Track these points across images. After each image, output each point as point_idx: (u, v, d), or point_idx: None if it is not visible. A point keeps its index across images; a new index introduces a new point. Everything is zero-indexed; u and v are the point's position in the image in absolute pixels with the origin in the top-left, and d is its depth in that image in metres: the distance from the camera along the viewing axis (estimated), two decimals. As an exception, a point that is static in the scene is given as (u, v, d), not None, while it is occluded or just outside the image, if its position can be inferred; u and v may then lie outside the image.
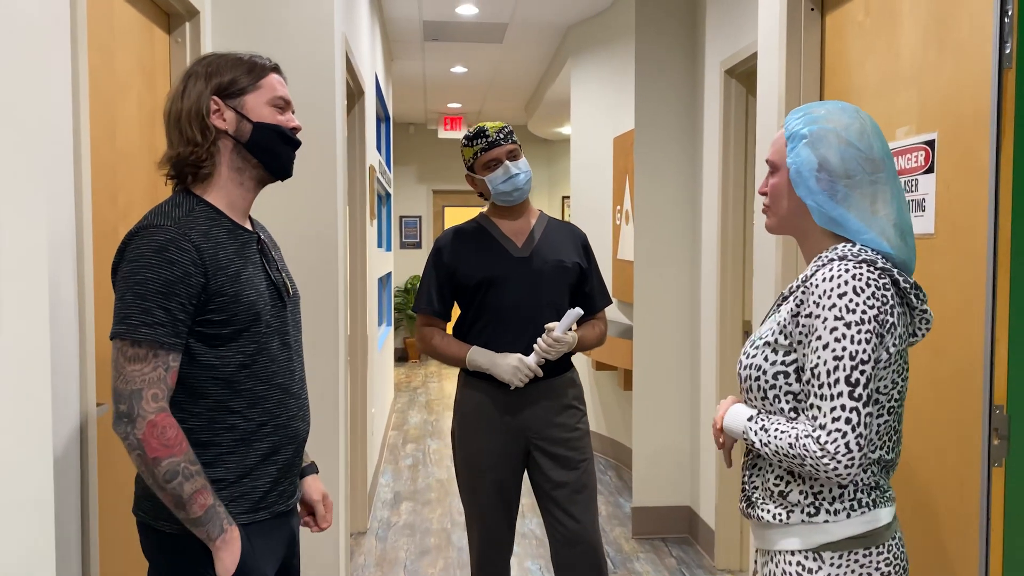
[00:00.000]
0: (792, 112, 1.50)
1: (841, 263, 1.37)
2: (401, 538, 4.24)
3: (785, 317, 1.42)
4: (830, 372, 1.33)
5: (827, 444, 1.31)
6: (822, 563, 1.39)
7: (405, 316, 10.56)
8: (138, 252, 1.43)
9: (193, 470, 1.43)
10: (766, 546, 1.47)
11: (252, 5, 2.80)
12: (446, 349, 2.52)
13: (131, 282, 1.42)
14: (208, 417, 1.51)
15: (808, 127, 1.43)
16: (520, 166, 2.48)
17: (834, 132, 1.41)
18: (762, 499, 1.47)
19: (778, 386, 1.42)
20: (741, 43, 3.48)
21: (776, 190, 1.49)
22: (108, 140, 1.95)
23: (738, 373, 1.51)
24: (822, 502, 1.40)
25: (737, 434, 1.47)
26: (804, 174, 1.42)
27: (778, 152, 1.48)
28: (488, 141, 2.46)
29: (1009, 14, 1.56)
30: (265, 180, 1.63)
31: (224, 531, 1.45)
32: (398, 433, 6.66)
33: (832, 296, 1.34)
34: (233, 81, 1.56)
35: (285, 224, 2.85)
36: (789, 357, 1.41)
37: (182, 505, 1.42)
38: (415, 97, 9.00)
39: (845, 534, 1.39)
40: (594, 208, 5.88)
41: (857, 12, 2.18)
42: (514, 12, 5.75)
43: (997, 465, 1.61)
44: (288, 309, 1.66)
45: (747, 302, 3.73)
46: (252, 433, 1.55)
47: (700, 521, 4.06)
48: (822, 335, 1.34)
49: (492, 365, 2.43)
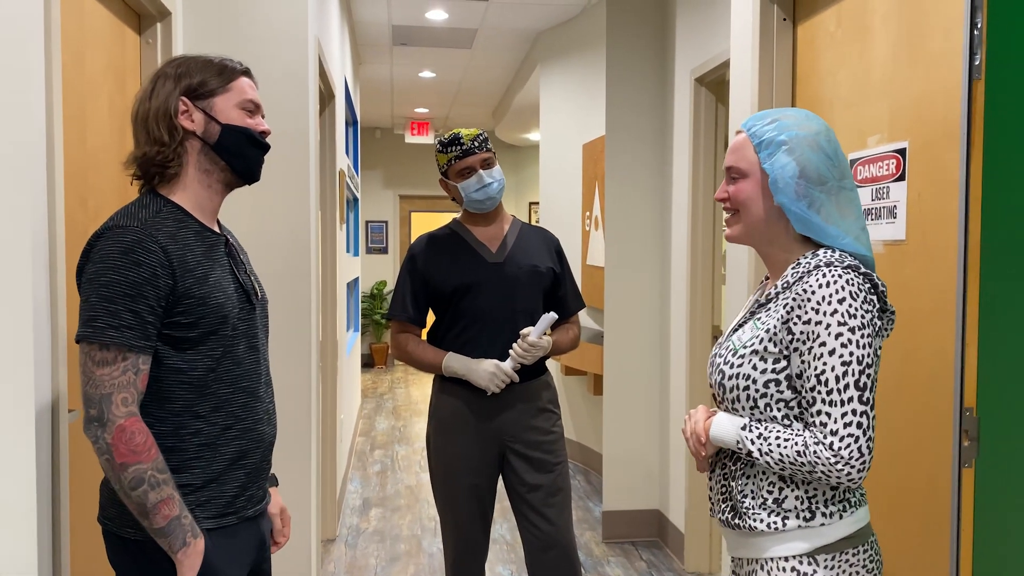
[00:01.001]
0: (753, 119, 1.49)
1: (829, 269, 1.37)
2: (371, 545, 4.20)
3: (775, 324, 1.41)
4: (839, 378, 1.33)
5: (841, 450, 1.32)
6: (817, 566, 1.39)
7: (372, 322, 10.49)
8: (103, 254, 1.41)
9: (160, 478, 1.41)
10: (754, 554, 1.45)
11: (224, 7, 2.77)
12: (422, 355, 2.51)
13: (97, 284, 1.40)
14: (174, 422, 1.49)
15: (784, 134, 1.43)
16: (494, 175, 2.49)
17: (808, 139, 1.42)
18: (753, 508, 1.44)
19: (769, 395, 1.42)
20: (711, 52, 3.52)
21: (744, 196, 1.47)
22: (79, 142, 1.91)
23: (718, 383, 1.49)
24: (817, 505, 1.41)
25: (728, 444, 1.45)
26: (786, 181, 1.41)
27: (745, 159, 1.46)
28: (463, 149, 2.46)
29: (979, 26, 1.60)
30: (232, 183, 1.62)
31: (187, 544, 1.43)
32: (366, 439, 6.61)
33: (833, 302, 1.34)
34: (203, 82, 1.55)
35: (258, 228, 2.82)
36: (779, 365, 1.41)
37: (146, 514, 1.40)
38: (382, 101, 8.97)
39: (839, 535, 1.40)
40: (563, 214, 5.90)
41: (829, 23, 2.22)
42: (484, 18, 5.76)
43: (967, 466, 1.65)
44: (256, 312, 1.65)
45: (716, 307, 3.77)
46: (217, 437, 1.53)
47: (670, 524, 4.09)
48: (827, 341, 1.33)
49: (468, 371, 2.43)
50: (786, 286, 1.43)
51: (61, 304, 1.66)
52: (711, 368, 1.57)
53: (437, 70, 7.44)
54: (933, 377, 1.77)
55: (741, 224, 1.49)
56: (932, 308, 1.77)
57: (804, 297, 1.37)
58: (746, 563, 1.49)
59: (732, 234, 1.52)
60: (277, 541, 1.76)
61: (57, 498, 1.62)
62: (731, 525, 1.48)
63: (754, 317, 1.50)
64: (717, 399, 1.54)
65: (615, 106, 4.18)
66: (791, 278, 1.43)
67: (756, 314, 1.49)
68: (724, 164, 1.52)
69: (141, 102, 1.55)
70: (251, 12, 2.79)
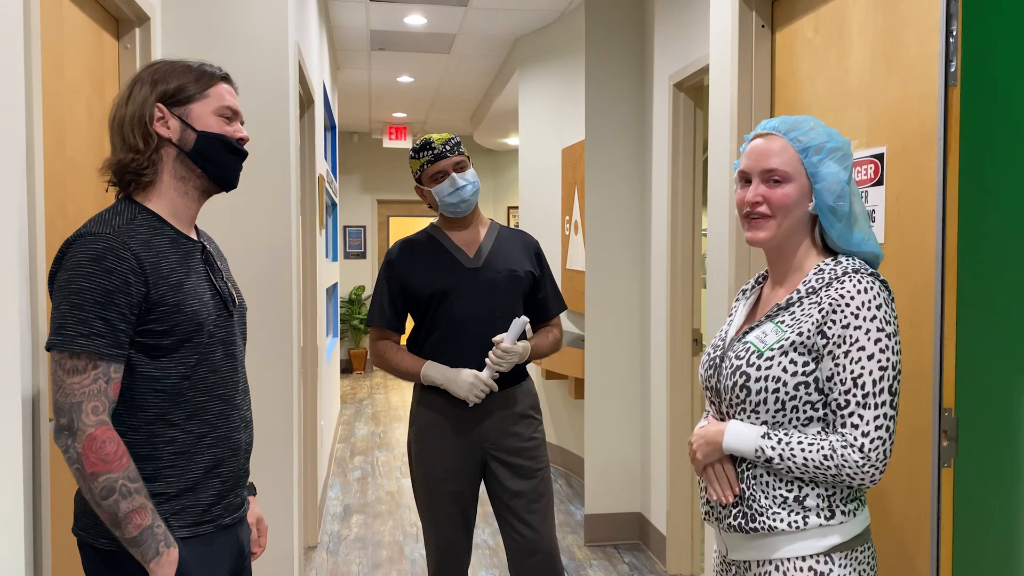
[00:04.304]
0: (782, 124, 1.48)
1: (860, 276, 1.41)
2: (353, 551, 4.18)
3: (809, 328, 1.41)
4: (876, 382, 1.36)
5: (870, 452, 1.35)
6: (832, 564, 1.41)
7: (350, 327, 10.44)
8: (75, 261, 1.40)
9: (132, 488, 1.40)
10: (766, 555, 1.45)
11: (203, 12, 2.75)
12: (400, 364, 2.49)
13: (67, 291, 1.39)
14: (147, 431, 1.48)
15: (833, 141, 1.46)
16: (467, 177, 2.47)
17: (844, 148, 1.47)
18: (771, 507, 1.44)
19: (798, 397, 1.42)
20: (689, 58, 3.55)
21: (789, 201, 1.46)
22: (58, 148, 1.89)
23: (742, 386, 1.46)
24: (836, 503, 1.43)
25: (747, 453, 1.45)
26: (840, 188, 1.44)
27: (789, 163, 1.46)
28: (434, 153, 2.45)
29: (954, 34, 1.63)
30: (209, 190, 1.61)
31: (159, 554, 1.42)
32: (345, 445, 6.58)
33: (872, 308, 1.37)
34: (180, 88, 1.54)
35: (239, 233, 2.81)
36: (808, 368, 1.42)
37: (117, 523, 1.39)
38: (360, 106, 8.94)
39: (853, 533, 1.43)
40: (543, 218, 5.92)
41: (807, 30, 2.25)
42: (462, 23, 5.76)
43: (946, 466, 1.68)
44: (234, 319, 1.64)
45: (696, 311, 3.80)
46: (192, 445, 1.52)
47: (651, 527, 4.11)
48: (866, 346, 1.36)
49: (448, 381, 2.40)
50: (812, 290, 1.44)
51: (42, 312, 1.64)
52: (711, 371, 1.56)
53: (415, 75, 7.43)
54: (912, 378, 1.79)
55: (776, 227, 1.47)
56: (910, 310, 1.80)
57: (842, 302, 1.39)
58: (755, 565, 1.47)
59: (764, 236, 1.48)
60: (253, 551, 1.75)
61: (39, 509, 1.60)
62: (743, 529, 1.47)
63: (772, 320, 1.49)
64: (729, 403, 1.51)
65: (594, 111, 4.20)
66: (816, 283, 1.44)
67: (774, 317, 1.49)
68: (759, 167, 1.48)
69: (118, 107, 1.54)
70: (231, 17, 2.78)
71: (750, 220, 1.50)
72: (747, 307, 1.62)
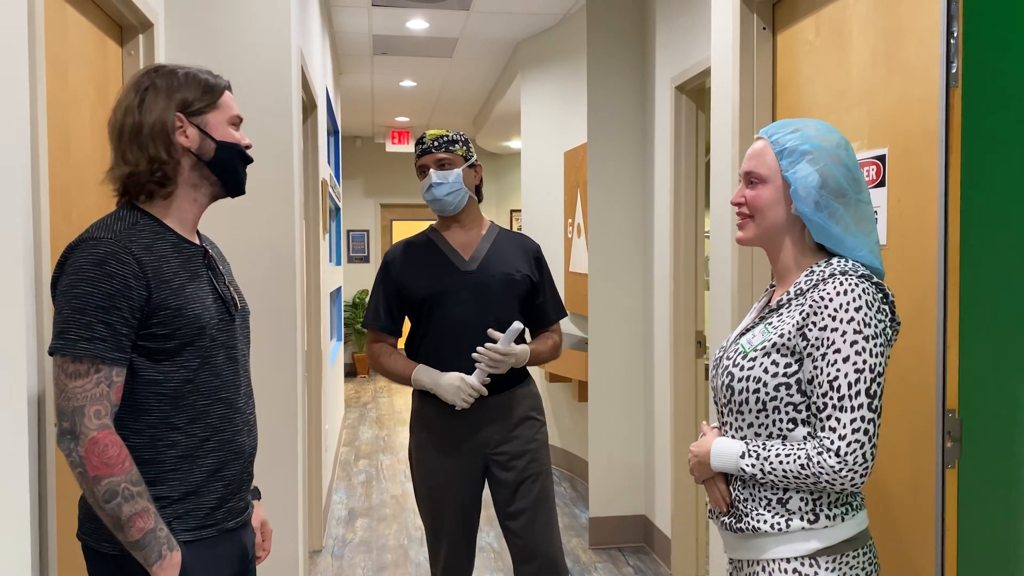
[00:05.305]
0: (775, 126, 1.51)
1: (845, 277, 1.40)
2: (358, 555, 4.18)
3: (790, 329, 1.42)
4: (851, 384, 1.35)
5: (847, 456, 1.34)
6: (818, 568, 1.41)
7: (354, 331, 10.46)
8: (77, 265, 1.41)
9: (134, 491, 1.40)
10: (754, 555, 1.47)
11: (207, 18, 2.77)
12: (393, 367, 2.46)
13: (69, 296, 1.40)
14: (150, 434, 1.49)
15: (807, 144, 1.45)
16: (446, 177, 2.42)
17: (830, 151, 1.45)
18: (755, 509, 1.46)
19: (779, 398, 1.43)
20: (691, 60, 3.56)
21: (762, 202, 1.50)
22: (62, 154, 1.90)
23: (726, 386, 1.50)
24: (821, 507, 1.42)
25: (731, 470, 1.47)
26: (808, 191, 1.44)
27: (766, 165, 1.49)
28: (422, 147, 2.45)
29: (955, 35, 1.64)
30: (219, 196, 1.63)
31: (163, 557, 1.42)
32: (350, 449, 6.59)
33: (850, 310, 1.37)
34: (197, 98, 1.55)
35: (243, 238, 2.81)
36: (790, 369, 1.42)
37: (120, 527, 1.40)
38: (363, 110, 8.96)
39: (841, 537, 1.42)
40: (546, 221, 5.92)
41: (808, 32, 2.25)
42: (464, 27, 5.78)
43: (950, 467, 1.68)
44: (236, 323, 1.64)
45: (699, 313, 3.80)
46: (195, 449, 1.52)
47: (656, 530, 4.11)
48: (841, 348, 1.36)
49: (435, 385, 2.37)
50: (799, 292, 1.45)
51: (47, 317, 1.65)
52: (715, 372, 1.58)
53: (418, 79, 7.45)
54: (915, 380, 1.79)
55: (754, 228, 1.52)
56: (913, 312, 1.80)
57: (821, 304, 1.39)
58: (746, 564, 1.50)
59: (744, 236, 1.55)
60: (257, 555, 1.75)
61: (44, 513, 1.60)
62: (732, 528, 1.49)
63: (764, 321, 1.51)
64: (721, 403, 1.54)
65: (596, 114, 4.21)
66: (805, 285, 1.45)
67: (766, 319, 1.51)
68: (742, 169, 1.54)
69: (127, 114, 1.52)
70: (234, 23, 2.79)
71: (738, 220, 1.57)
72: (758, 308, 1.63)
